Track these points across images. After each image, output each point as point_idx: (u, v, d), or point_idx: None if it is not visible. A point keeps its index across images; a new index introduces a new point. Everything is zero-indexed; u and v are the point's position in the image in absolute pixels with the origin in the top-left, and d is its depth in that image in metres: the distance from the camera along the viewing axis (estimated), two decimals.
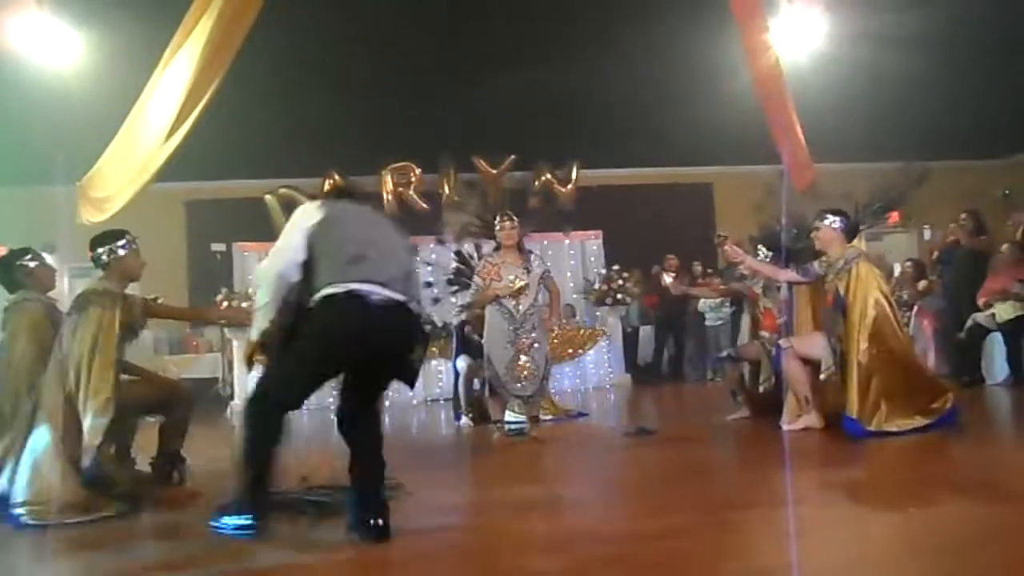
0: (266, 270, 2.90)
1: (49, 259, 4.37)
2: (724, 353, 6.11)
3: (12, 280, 4.03)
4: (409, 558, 2.73)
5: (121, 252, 3.94)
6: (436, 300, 9.56)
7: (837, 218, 4.77)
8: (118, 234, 4.04)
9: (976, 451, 4.18)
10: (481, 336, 5.55)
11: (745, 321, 6.11)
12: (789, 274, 5.06)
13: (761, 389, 5.70)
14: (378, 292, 2.75)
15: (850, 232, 4.81)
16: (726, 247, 5.39)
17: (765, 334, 5.71)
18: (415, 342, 2.91)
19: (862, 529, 2.74)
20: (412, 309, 2.89)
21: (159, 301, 4.63)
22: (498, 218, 5.29)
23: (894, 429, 4.31)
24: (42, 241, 4.18)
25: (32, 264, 4.06)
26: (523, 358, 5.10)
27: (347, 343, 2.78)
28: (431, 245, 10.49)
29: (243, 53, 6.15)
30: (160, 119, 6.02)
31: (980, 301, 7.14)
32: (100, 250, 3.92)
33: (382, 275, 2.79)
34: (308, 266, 2.82)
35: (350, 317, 2.74)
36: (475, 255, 6.87)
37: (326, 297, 2.74)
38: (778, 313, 5.72)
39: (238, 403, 8.98)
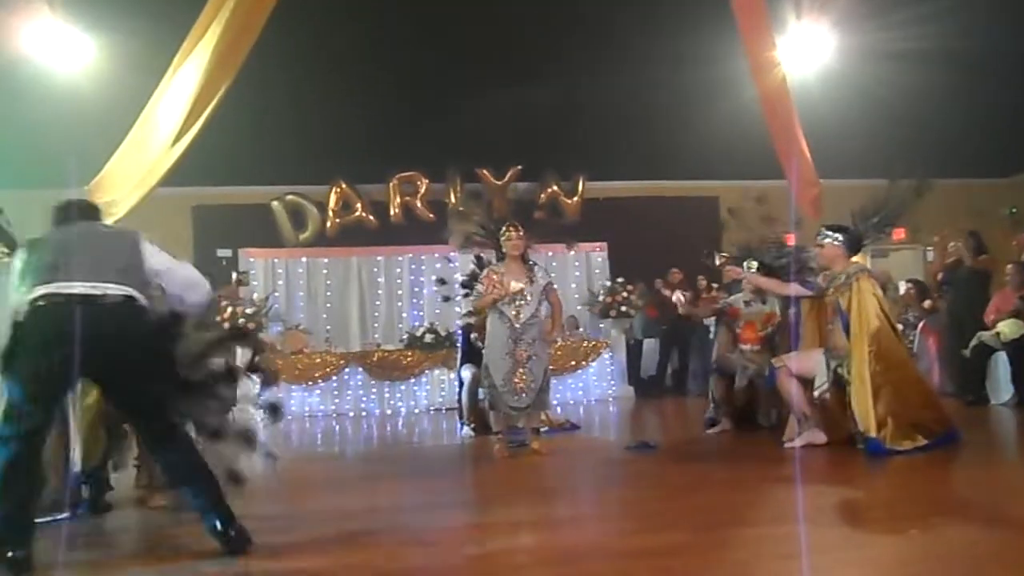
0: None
1: None
2: (714, 366, 6.16)
3: None
4: (407, 572, 2.72)
5: None
6: (447, 299, 9.50)
7: (838, 234, 4.76)
8: None
9: (979, 472, 4.15)
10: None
11: (722, 333, 6.19)
12: (796, 288, 5.06)
13: (736, 402, 5.88)
14: (77, 289, 2.70)
15: (852, 247, 4.81)
16: (727, 268, 5.44)
17: (745, 347, 5.86)
18: (150, 335, 2.79)
19: (863, 551, 2.72)
20: (137, 300, 2.80)
21: None
22: (504, 228, 5.25)
23: (898, 448, 4.29)
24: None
25: None
26: (521, 370, 5.01)
27: (51, 349, 2.66)
28: (421, 256, 10.52)
29: (252, 60, 6.20)
30: (168, 124, 6.06)
31: (987, 320, 7.12)
32: None
33: (83, 273, 2.74)
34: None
35: (44, 323, 2.68)
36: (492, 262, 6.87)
37: (24, 312, 2.71)
38: (760, 326, 5.79)
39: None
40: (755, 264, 5.78)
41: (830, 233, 4.78)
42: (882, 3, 7.12)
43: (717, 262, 5.55)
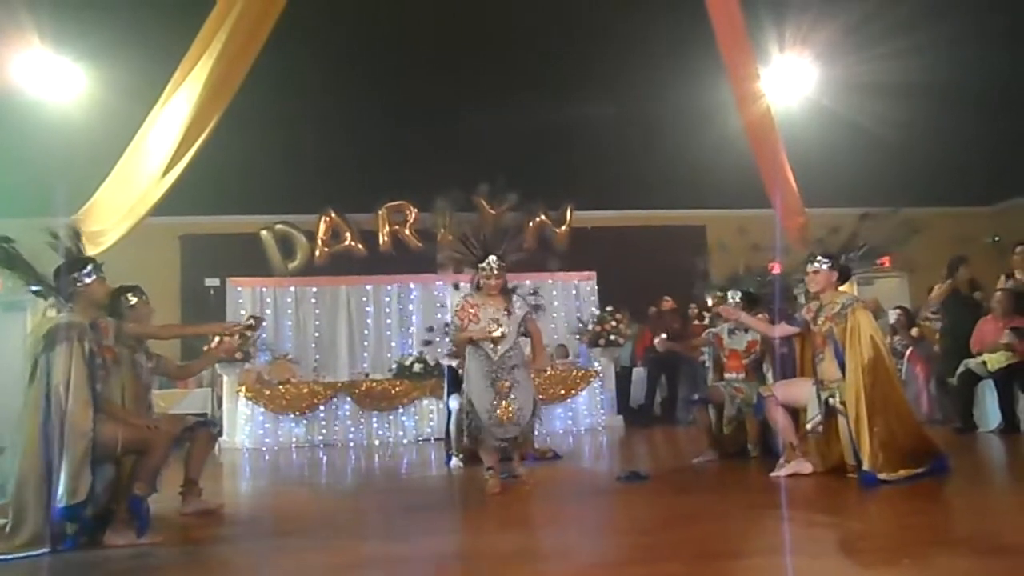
0: None
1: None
2: (695, 397, 6.25)
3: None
4: None
5: (87, 280, 3.81)
6: (428, 343, 9.57)
7: (828, 261, 4.79)
8: (82, 262, 3.89)
9: (969, 500, 4.16)
10: None
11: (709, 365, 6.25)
12: (784, 328, 5.07)
13: (725, 431, 5.89)
14: None
15: (842, 275, 4.84)
16: (719, 310, 5.46)
17: (731, 375, 5.91)
18: None
19: None
20: None
21: (132, 303, 4.43)
22: (486, 260, 4.89)
23: (890, 478, 4.29)
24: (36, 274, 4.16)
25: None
26: (504, 401, 4.73)
27: None
28: (410, 286, 10.48)
29: (242, 90, 6.23)
30: (158, 155, 6.07)
31: (973, 349, 7.17)
32: (64, 281, 3.77)
33: None
34: None
35: None
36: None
37: None
38: (744, 354, 5.83)
39: (226, 439, 8.89)
40: (739, 294, 5.86)
41: (824, 259, 4.80)
42: (862, 37, 7.28)
43: (710, 303, 5.56)
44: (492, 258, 4.89)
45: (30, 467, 3.52)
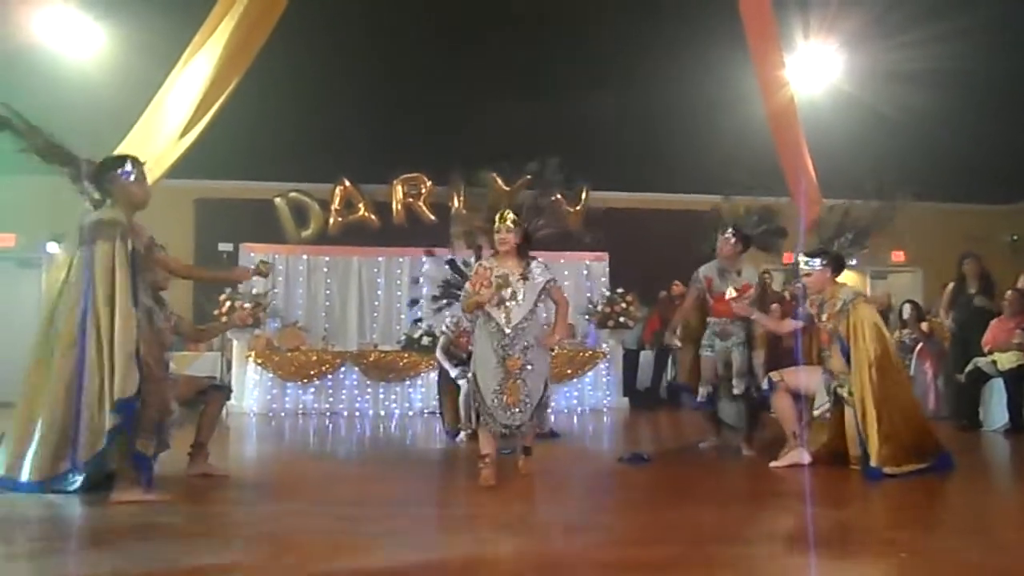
0: None
1: (57, 248, 4.30)
2: (705, 399, 5.75)
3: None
4: (391, 574, 2.72)
5: (127, 179, 3.75)
6: (418, 320, 9.53)
7: (820, 259, 4.76)
8: (120, 159, 3.83)
9: (969, 498, 4.17)
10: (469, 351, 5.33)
11: (684, 352, 5.96)
12: (791, 324, 5.09)
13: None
14: None
15: (837, 268, 4.81)
16: (735, 304, 5.38)
17: (716, 320, 5.63)
18: None
19: (851, 574, 2.72)
20: None
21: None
22: (497, 219, 4.47)
23: (895, 472, 4.29)
24: (54, 230, 4.11)
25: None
26: (513, 382, 4.30)
27: None
28: (422, 258, 10.48)
29: (261, 56, 6.22)
30: (176, 116, 6.08)
31: (985, 347, 7.14)
32: (103, 177, 3.74)
33: None
34: None
35: None
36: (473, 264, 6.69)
37: None
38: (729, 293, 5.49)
39: (234, 403, 8.98)
40: (731, 231, 5.72)
41: (813, 260, 4.75)
42: (890, 24, 7.16)
43: (727, 295, 5.45)
44: (507, 212, 4.49)
45: (61, 375, 3.57)
